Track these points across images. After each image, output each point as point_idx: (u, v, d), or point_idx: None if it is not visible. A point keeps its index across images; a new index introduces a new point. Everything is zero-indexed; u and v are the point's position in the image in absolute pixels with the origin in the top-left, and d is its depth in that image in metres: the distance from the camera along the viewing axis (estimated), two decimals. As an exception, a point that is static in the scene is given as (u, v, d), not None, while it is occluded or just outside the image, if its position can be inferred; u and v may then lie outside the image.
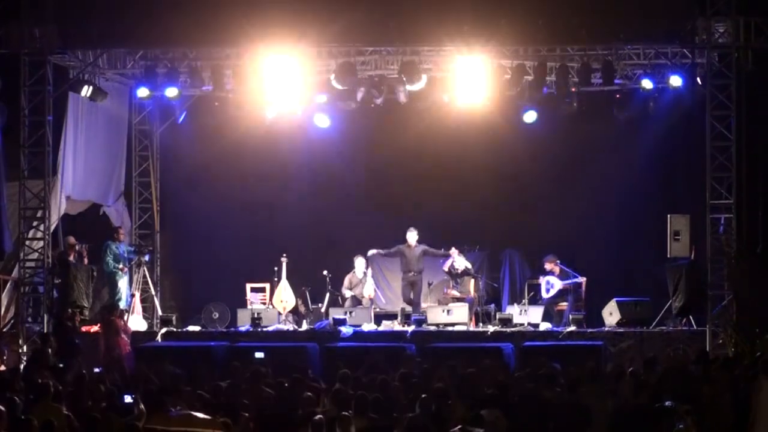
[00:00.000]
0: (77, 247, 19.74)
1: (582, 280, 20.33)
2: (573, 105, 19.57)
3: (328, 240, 21.65)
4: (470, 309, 19.76)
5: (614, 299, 19.71)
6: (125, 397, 11.38)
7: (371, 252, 20.58)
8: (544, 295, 20.43)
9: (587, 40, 18.79)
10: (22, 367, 16.58)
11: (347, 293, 20.58)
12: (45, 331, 18.64)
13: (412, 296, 20.45)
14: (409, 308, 20.15)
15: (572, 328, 19.11)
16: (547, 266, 20.46)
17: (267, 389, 13.16)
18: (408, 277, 20.53)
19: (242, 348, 18.13)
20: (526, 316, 19.73)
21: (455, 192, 21.42)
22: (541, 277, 20.53)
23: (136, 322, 19.90)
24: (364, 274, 20.67)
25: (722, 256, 18.58)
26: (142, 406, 11.08)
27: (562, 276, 20.33)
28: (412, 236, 20.45)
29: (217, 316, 20.27)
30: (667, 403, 11.86)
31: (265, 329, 19.46)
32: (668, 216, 19.58)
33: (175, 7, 18.56)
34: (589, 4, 18.36)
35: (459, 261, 20.48)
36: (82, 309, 19.35)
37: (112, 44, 19.50)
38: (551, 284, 20.40)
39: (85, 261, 19.78)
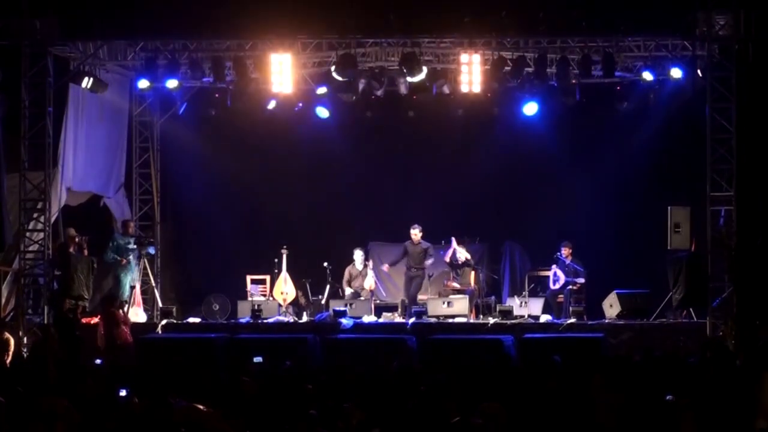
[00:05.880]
0: (77, 239, 19.72)
1: (581, 281, 20.35)
2: (573, 97, 19.56)
3: (329, 232, 21.66)
4: (470, 301, 19.79)
5: (614, 291, 19.72)
6: (120, 390, 11.38)
7: (385, 267, 20.75)
8: (552, 286, 20.46)
9: (588, 32, 18.77)
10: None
11: (347, 290, 20.61)
12: (46, 322, 18.66)
13: (411, 291, 20.50)
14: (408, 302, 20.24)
15: (572, 320, 19.15)
16: (564, 251, 20.48)
17: (266, 382, 13.19)
18: (410, 273, 20.59)
19: (242, 340, 18.15)
20: (527, 308, 19.80)
21: (455, 183, 21.43)
22: (553, 266, 20.51)
23: (137, 314, 19.91)
24: (365, 266, 20.71)
25: (723, 248, 18.56)
26: (136, 400, 11.08)
27: (569, 269, 20.33)
28: (415, 233, 20.50)
29: (218, 307, 20.26)
30: (668, 397, 11.88)
31: (265, 321, 19.48)
32: (668, 208, 19.57)
33: (176, -2, 18.59)
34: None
35: (460, 251, 20.52)
36: (82, 300, 19.35)
37: (113, 35, 19.44)
38: (558, 277, 20.41)
39: (86, 252, 19.75)
